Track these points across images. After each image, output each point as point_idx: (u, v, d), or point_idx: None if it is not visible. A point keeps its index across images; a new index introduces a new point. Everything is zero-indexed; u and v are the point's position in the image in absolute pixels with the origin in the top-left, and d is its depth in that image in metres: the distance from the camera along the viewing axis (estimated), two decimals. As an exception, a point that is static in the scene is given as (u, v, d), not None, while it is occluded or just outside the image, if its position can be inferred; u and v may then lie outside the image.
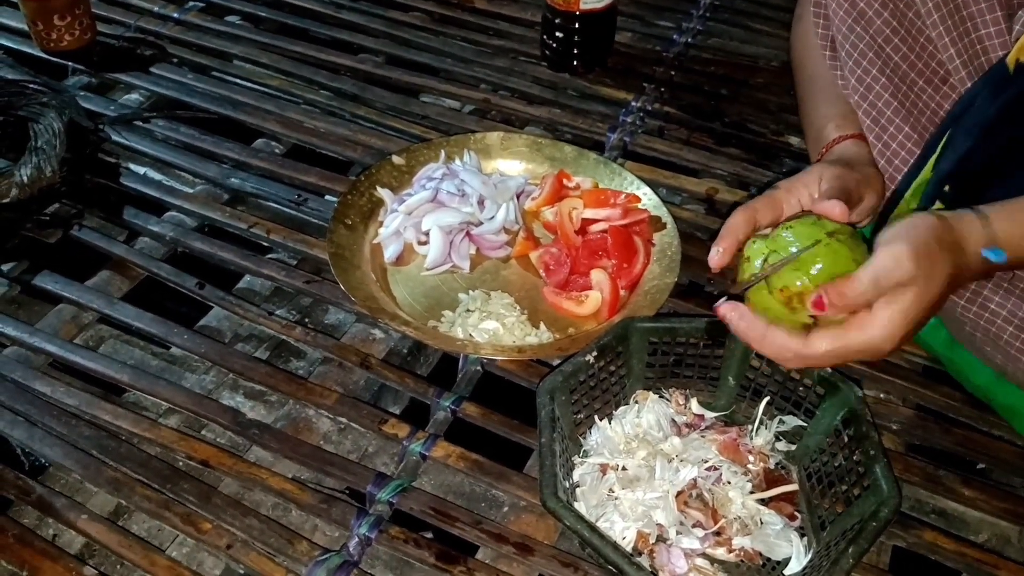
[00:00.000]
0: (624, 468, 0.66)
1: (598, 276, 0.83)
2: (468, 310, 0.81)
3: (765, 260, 0.59)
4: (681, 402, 0.72)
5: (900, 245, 0.55)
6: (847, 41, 0.76)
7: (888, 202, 0.74)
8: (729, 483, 0.65)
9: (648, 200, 0.91)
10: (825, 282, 0.56)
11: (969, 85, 0.70)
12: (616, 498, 0.64)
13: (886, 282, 0.54)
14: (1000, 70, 0.64)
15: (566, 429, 0.67)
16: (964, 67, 0.70)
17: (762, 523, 0.64)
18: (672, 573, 0.60)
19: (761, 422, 0.69)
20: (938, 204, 0.67)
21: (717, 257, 0.62)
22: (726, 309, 0.60)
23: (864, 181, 0.70)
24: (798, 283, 0.57)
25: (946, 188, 0.67)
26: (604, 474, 0.66)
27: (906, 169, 0.74)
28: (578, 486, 0.66)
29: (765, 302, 0.59)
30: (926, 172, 0.70)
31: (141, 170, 0.99)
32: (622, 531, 0.62)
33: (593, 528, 0.57)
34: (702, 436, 0.69)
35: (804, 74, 0.86)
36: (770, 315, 0.59)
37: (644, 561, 0.61)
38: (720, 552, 0.62)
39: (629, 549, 0.62)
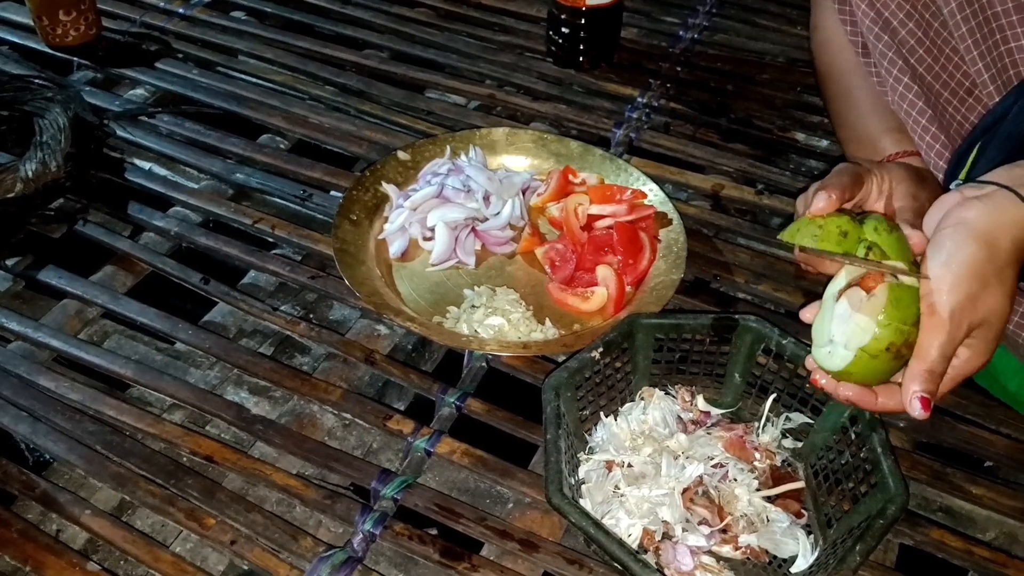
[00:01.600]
0: (630, 465, 0.65)
1: (604, 272, 0.82)
2: (473, 306, 0.81)
3: (854, 239, 0.57)
4: (687, 399, 0.71)
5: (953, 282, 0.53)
6: (875, 49, 0.75)
7: None
8: (735, 480, 0.65)
9: (654, 196, 0.91)
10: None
11: (997, 98, 0.68)
12: (622, 495, 0.64)
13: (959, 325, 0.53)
14: None
15: (571, 425, 0.67)
16: (993, 81, 0.68)
17: (768, 520, 0.63)
18: (678, 570, 0.60)
19: (767, 419, 0.69)
20: None
21: (825, 203, 0.58)
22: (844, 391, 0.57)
23: (933, 199, 0.68)
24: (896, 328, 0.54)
25: None
26: (610, 471, 0.66)
27: (942, 178, 0.72)
28: (583, 483, 0.66)
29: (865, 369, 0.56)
30: None
31: (146, 165, 0.99)
32: (627, 528, 0.62)
33: (598, 525, 0.57)
34: (708, 433, 0.68)
35: (838, 84, 0.84)
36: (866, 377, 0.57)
37: (650, 558, 0.61)
38: (726, 550, 0.62)
39: (635, 546, 0.61)
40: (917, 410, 0.53)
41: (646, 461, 0.65)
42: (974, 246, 0.53)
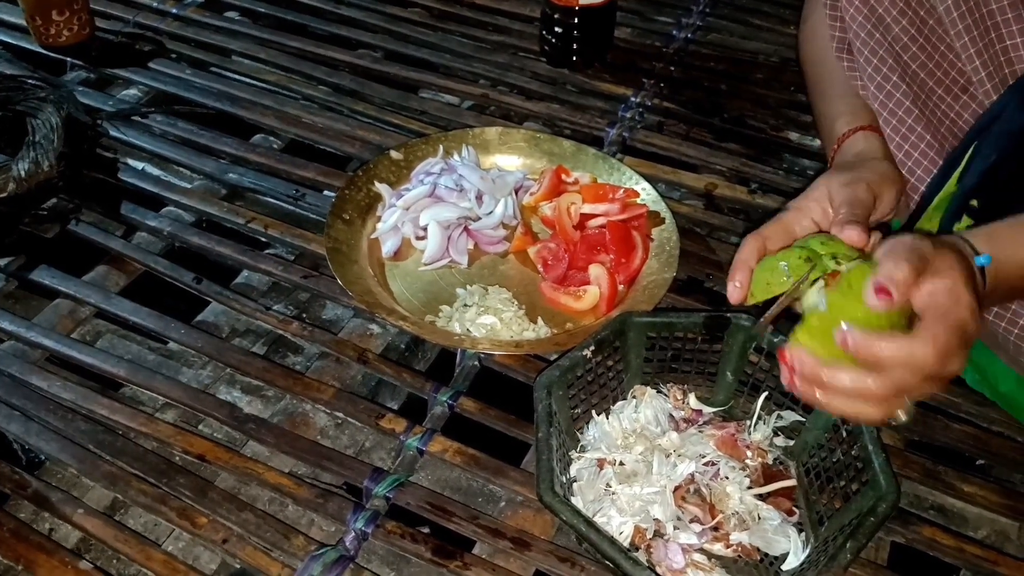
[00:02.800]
0: (621, 463, 0.65)
1: (596, 271, 0.82)
2: (466, 305, 0.81)
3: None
4: (679, 397, 0.71)
5: (901, 238, 0.53)
6: (866, 47, 0.75)
7: (914, 212, 0.72)
8: (727, 478, 0.65)
9: (647, 195, 0.91)
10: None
11: (994, 96, 0.68)
12: (613, 493, 0.64)
13: (915, 248, 0.51)
14: None
15: (563, 424, 0.67)
16: (989, 79, 0.68)
17: (760, 518, 0.63)
18: (669, 568, 0.60)
19: (759, 417, 0.69)
20: (965, 219, 0.64)
21: (736, 293, 0.60)
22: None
23: (877, 181, 0.66)
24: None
25: (973, 202, 0.64)
26: (601, 469, 0.66)
27: (929, 179, 0.72)
28: (575, 481, 0.66)
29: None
30: (950, 185, 0.67)
31: (139, 165, 0.99)
32: (619, 526, 0.62)
33: (590, 523, 0.57)
34: (700, 431, 0.68)
35: (815, 72, 0.84)
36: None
37: (641, 556, 0.61)
38: (718, 547, 0.62)
39: (626, 544, 0.61)
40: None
41: (638, 459, 0.65)
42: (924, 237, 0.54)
